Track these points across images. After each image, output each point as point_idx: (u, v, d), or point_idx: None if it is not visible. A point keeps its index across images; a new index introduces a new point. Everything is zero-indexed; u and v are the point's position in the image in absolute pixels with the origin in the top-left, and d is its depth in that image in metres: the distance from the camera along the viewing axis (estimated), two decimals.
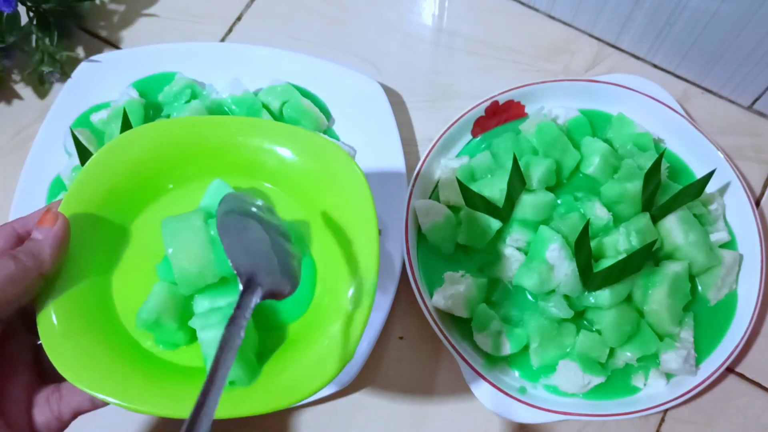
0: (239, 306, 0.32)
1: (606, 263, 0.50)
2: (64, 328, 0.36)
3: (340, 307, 0.37)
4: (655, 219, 0.53)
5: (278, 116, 0.60)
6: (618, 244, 0.52)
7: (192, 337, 0.38)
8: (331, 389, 0.51)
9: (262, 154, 0.41)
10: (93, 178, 0.40)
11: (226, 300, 0.38)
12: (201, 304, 0.39)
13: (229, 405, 0.34)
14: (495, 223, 0.53)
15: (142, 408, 0.34)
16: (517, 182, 0.53)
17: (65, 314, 0.36)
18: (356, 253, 0.38)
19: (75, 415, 0.38)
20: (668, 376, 0.52)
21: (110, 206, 0.40)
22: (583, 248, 0.49)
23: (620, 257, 0.50)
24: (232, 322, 0.31)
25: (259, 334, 0.38)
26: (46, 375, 0.39)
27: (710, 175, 0.53)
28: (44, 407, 0.37)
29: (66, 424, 0.38)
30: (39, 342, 0.36)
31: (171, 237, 0.38)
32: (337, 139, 0.61)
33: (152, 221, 0.40)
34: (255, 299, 0.33)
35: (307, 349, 0.36)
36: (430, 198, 0.58)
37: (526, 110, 0.61)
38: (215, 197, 0.39)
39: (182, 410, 0.34)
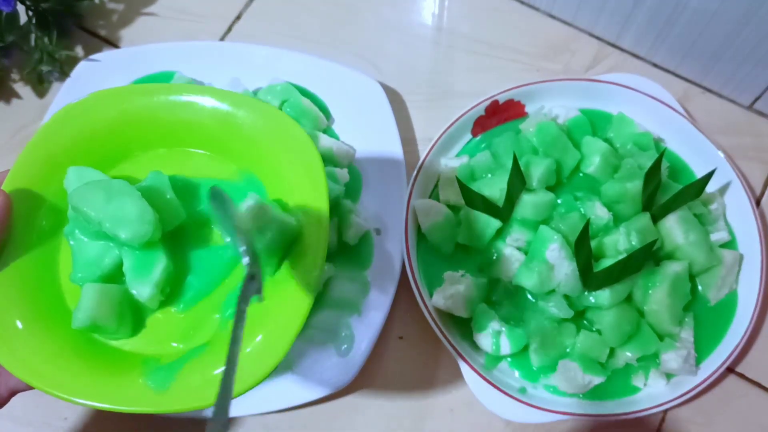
0: (244, 293, 0.31)
1: (606, 263, 0.50)
2: (3, 313, 0.34)
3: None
4: (656, 219, 0.53)
5: None
6: (618, 244, 0.52)
7: (134, 329, 0.37)
8: (330, 389, 0.51)
9: (192, 111, 0.39)
10: (36, 153, 0.38)
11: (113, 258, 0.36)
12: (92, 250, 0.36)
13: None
14: (495, 223, 0.53)
15: (82, 400, 0.33)
16: (517, 182, 0.53)
17: (5, 298, 0.35)
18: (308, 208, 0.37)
19: (12, 394, 0.37)
20: (668, 376, 0.52)
21: (53, 183, 0.38)
22: (583, 248, 0.49)
23: (620, 257, 0.49)
24: (239, 317, 0.30)
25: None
26: None
27: (710, 174, 0.53)
28: None
29: (3, 403, 0.37)
30: None
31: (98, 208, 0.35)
32: (337, 138, 0.61)
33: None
34: (257, 285, 0.31)
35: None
36: (430, 198, 0.58)
37: (526, 110, 0.61)
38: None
39: (123, 402, 0.33)
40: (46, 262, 0.37)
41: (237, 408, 0.51)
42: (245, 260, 0.31)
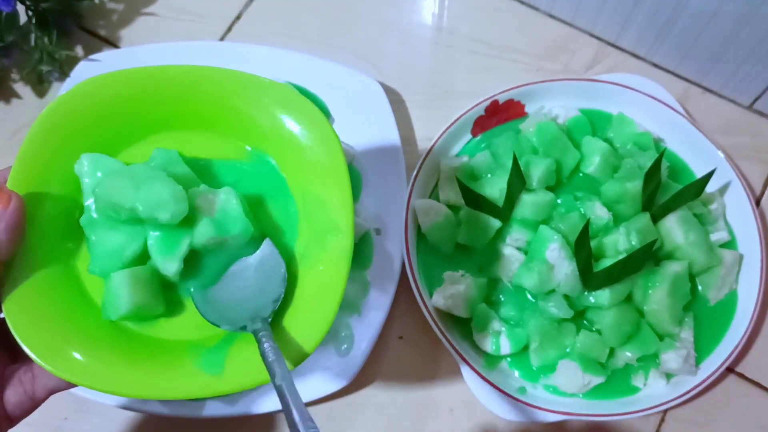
0: (258, 341, 0.34)
1: (606, 263, 0.50)
2: (33, 313, 0.34)
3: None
4: (656, 219, 0.53)
5: None
6: (618, 244, 0.52)
7: (168, 305, 0.37)
8: (330, 389, 0.51)
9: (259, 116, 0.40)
10: (37, 145, 0.37)
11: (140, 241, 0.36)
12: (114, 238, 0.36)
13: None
14: (495, 223, 0.53)
15: (120, 391, 0.33)
16: (517, 182, 0.53)
17: (31, 298, 0.34)
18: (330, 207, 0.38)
19: (49, 394, 0.36)
20: (668, 376, 0.52)
21: (60, 171, 0.37)
22: (583, 248, 0.49)
23: (620, 257, 0.49)
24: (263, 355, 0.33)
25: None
26: (18, 353, 0.35)
27: (710, 174, 0.53)
28: (17, 387, 0.35)
29: (39, 403, 0.36)
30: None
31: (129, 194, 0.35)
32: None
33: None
34: (264, 332, 0.34)
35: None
36: (430, 198, 0.58)
37: (526, 109, 0.61)
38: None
39: (182, 391, 0.33)
40: (64, 255, 0.37)
41: (237, 408, 0.51)
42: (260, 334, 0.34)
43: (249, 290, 0.37)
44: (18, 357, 0.36)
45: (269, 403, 0.51)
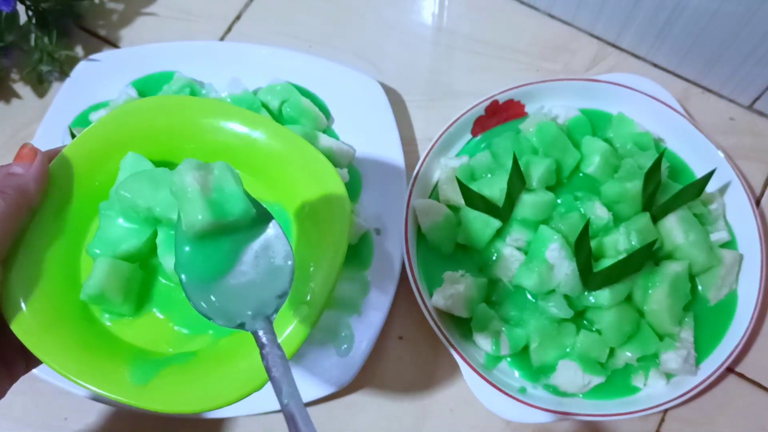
0: (260, 346, 0.30)
1: (606, 263, 0.50)
2: (27, 271, 0.36)
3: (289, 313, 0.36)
4: (656, 219, 0.53)
5: (278, 115, 0.60)
6: (618, 244, 0.52)
7: (137, 308, 0.38)
8: (330, 389, 0.51)
9: (227, 135, 0.40)
10: (97, 133, 0.40)
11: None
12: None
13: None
14: (495, 223, 0.53)
15: (47, 359, 0.34)
16: (517, 182, 0.53)
17: (30, 261, 0.36)
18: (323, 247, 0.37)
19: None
20: (668, 376, 0.52)
21: (112, 161, 0.40)
22: (583, 248, 0.49)
23: (620, 257, 0.49)
24: (266, 361, 0.29)
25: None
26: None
27: (710, 174, 0.53)
28: None
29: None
30: None
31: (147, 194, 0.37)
32: (337, 138, 0.61)
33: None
34: (267, 335, 0.30)
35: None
36: (429, 198, 0.58)
37: (526, 109, 0.61)
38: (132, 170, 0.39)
39: (100, 384, 0.34)
40: (80, 229, 0.39)
41: (237, 408, 0.51)
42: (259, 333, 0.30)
43: (250, 278, 0.32)
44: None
45: (269, 403, 0.51)
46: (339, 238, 0.37)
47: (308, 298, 0.35)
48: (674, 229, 0.52)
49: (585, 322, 0.53)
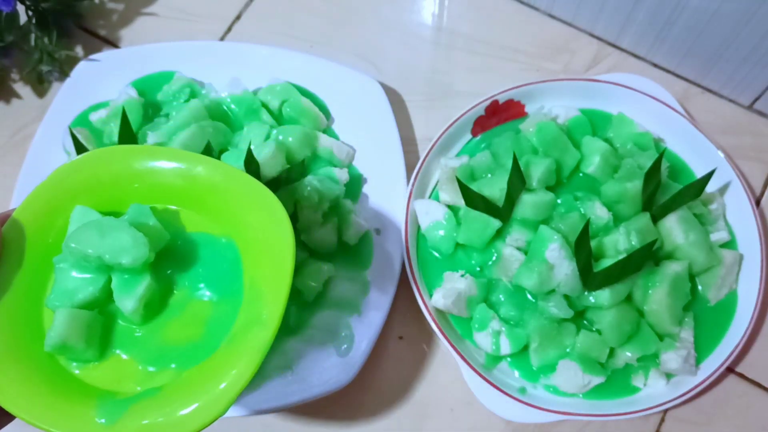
0: None
1: (606, 263, 0.50)
2: None
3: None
4: (656, 219, 0.53)
5: (278, 115, 0.60)
6: (618, 244, 0.52)
7: (101, 353, 0.39)
8: (330, 389, 0.51)
9: (168, 175, 0.42)
10: (46, 191, 0.41)
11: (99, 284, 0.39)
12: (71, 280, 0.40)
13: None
14: (495, 223, 0.53)
15: (34, 420, 0.35)
16: (517, 182, 0.53)
17: None
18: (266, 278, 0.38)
19: None
20: (668, 376, 0.52)
21: (61, 216, 0.41)
22: (583, 248, 0.49)
23: (620, 257, 0.49)
24: None
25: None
26: None
27: (710, 174, 0.53)
28: None
29: None
30: None
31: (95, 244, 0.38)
32: (337, 138, 0.61)
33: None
34: None
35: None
36: (429, 198, 0.58)
37: (526, 109, 0.61)
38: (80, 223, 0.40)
39: (68, 429, 0.35)
40: (38, 285, 0.40)
41: (237, 408, 0.51)
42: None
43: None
44: None
45: (269, 403, 0.51)
46: (285, 258, 0.38)
47: (264, 317, 0.37)
48: (674, 229, 0.52)
49: (585, 322, 0.53)
